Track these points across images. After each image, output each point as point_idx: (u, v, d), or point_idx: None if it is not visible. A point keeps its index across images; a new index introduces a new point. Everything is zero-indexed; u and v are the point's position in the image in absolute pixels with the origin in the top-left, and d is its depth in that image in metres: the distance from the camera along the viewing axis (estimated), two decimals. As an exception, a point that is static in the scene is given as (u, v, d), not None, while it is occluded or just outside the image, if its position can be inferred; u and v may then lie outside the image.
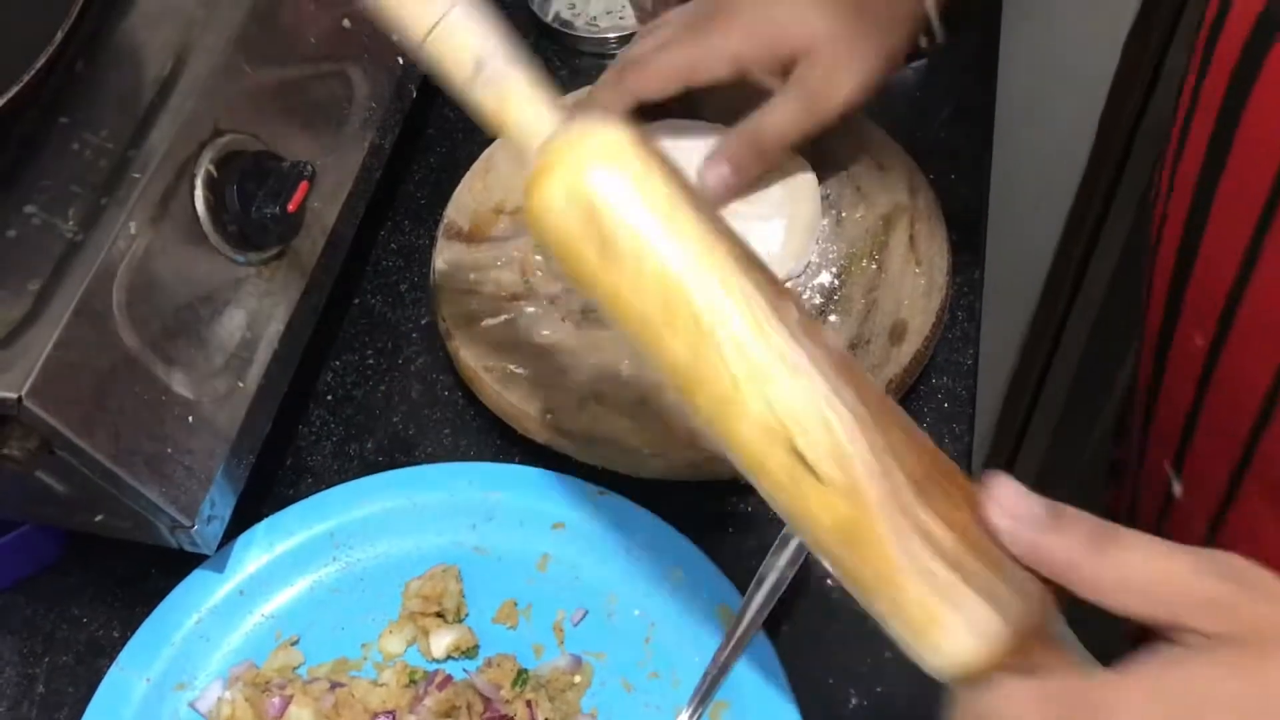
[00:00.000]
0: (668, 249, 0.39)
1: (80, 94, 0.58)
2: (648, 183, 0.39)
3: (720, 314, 0.38)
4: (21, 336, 0.51)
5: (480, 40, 0.42)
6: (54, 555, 0.65)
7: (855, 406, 0.38)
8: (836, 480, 0.38)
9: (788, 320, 0.39)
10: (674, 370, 0.40)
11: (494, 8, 0.42)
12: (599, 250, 0.39)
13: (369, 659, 0.60)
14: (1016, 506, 0.37)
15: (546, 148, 0.40)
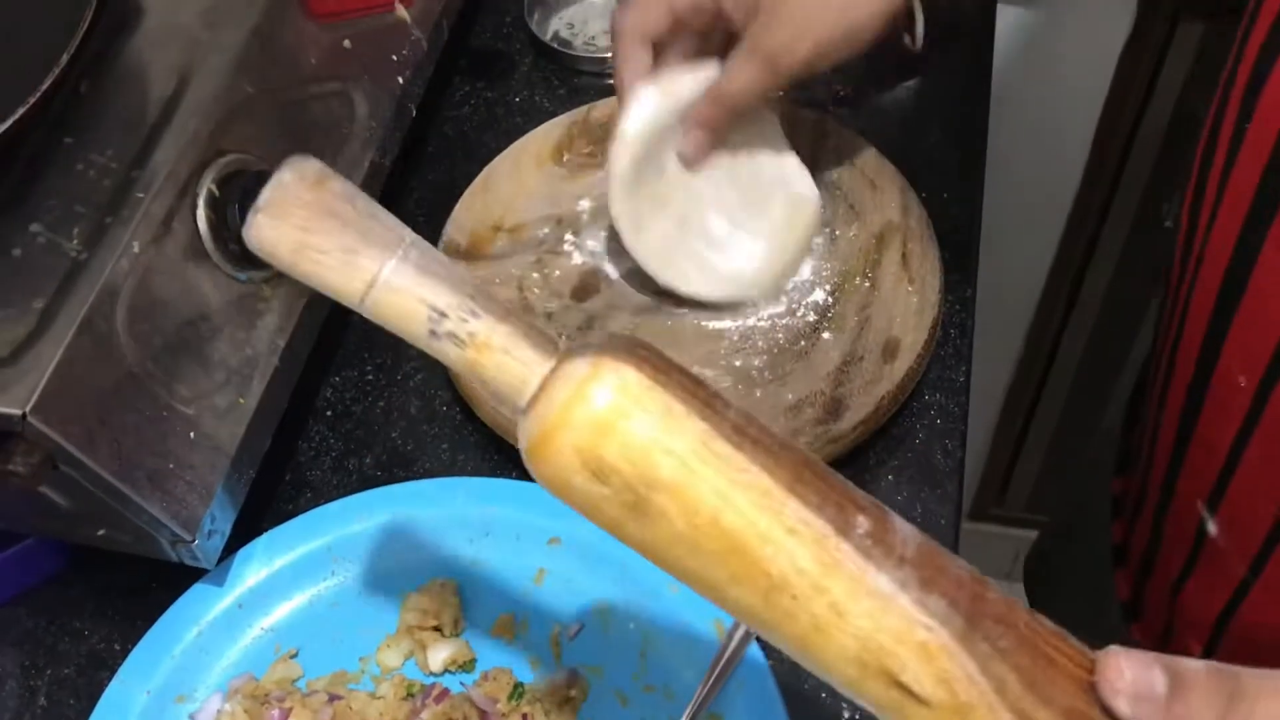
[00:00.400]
0: (711, 500, 0.35)
1: (85, 115, 0.59)
2: (672, 426, 0.35)
3: (785, 558, 0.35)
4: (26, 353, 0.52)
5: (429, 292, 0.37)
6: (56, 568, 0.66)
7: (948, 616, 0.35)
8: (944, 702, 0.35)
9: (855, 537, 0.35)
10: (749, 616, 0.37)
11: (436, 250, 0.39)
12: (634, 512, 0.35)
13: (367, 672, 0.60)
14: (1138, 686, 0.35)
15: (540, 404, 0.36)
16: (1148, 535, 0.70)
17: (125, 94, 0.60)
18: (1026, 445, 1.44)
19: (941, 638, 0.35)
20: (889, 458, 0.67)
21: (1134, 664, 0.35)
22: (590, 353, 0.36)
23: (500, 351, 0.37)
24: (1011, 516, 1.55)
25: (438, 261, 0.38)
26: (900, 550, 0.36)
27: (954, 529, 0.65)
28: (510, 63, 0.87)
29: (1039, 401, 1.38)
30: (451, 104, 0.85)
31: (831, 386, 0.65)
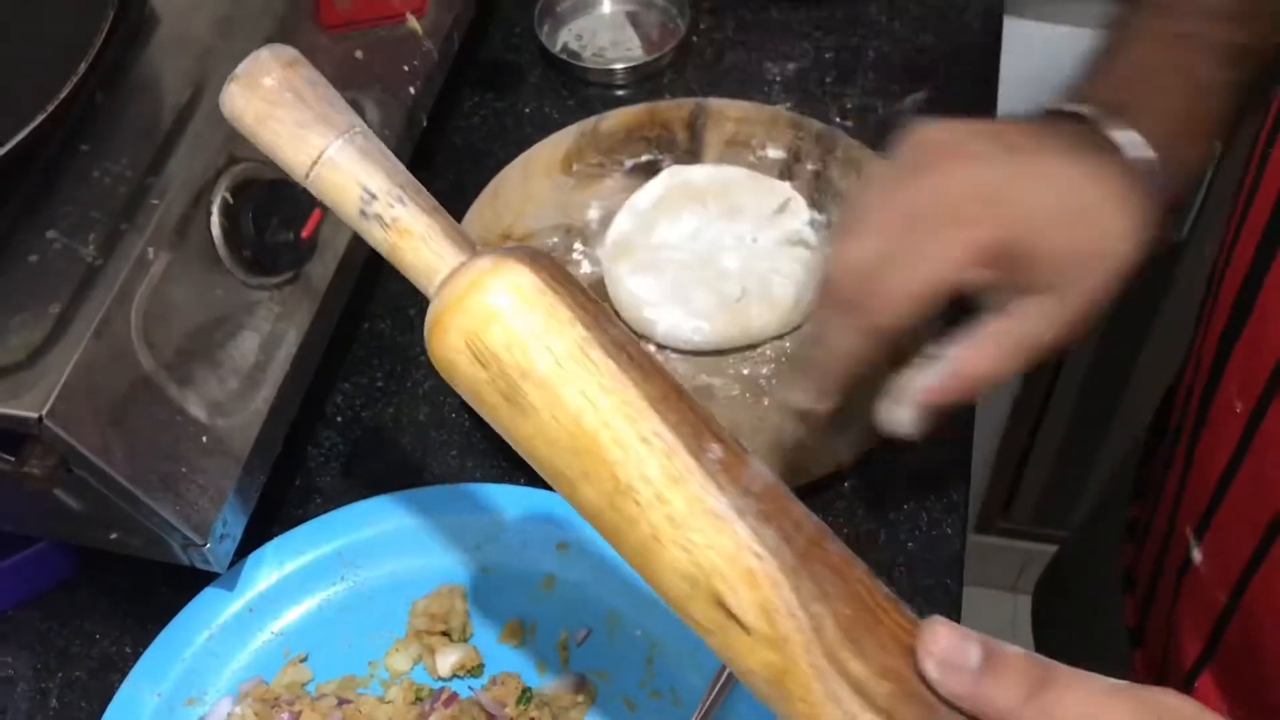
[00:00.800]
0: (577, 401, 0.37)
1: (101, 124, 0.60)
2: (550, 323, 0.37)
3: (634, 465, 0.37)
4: (43, 358, 0.53)
5: (365, 175, 0.42)
6: (68, 572, 0.66)
7: (779, 550, 0.37)
8: (763, 631, 0.37)
9: (707, 461, 0.37)
10: (594, 517, 0.38)
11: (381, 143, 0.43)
12: (507, 400, 0.38)
13: (376, 676, 0.61)
14: (950, 654, 0.36)
15: (444, 290, 0.39)
16: (1150, 563, 0.70)
17: (141, 103, 0.61)
18: (1032, 458, 1.44)
19: (769, 568, 0.36)
20: (895, 466, 0.67)
21: (951, 633, 0.36)
22: (496, 254, 0.39)
23: (419, 239, 0.41)
24: (1017, 529, 1.55)
25: (380, 151, 0.42)
26: (747, 483, 0.38)
27: (960, 538, 0.65)
28: (520, 74, 0.88)
29: (1045, 414, 1.39)
30: (461, 114, 0.86)
31: (837, 396, 0.65)
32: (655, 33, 0.89)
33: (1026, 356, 0.52)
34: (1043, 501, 1.50)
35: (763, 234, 0.71)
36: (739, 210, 0.72)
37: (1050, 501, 1.50)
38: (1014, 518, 1.54)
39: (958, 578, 0.64)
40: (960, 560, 0.65)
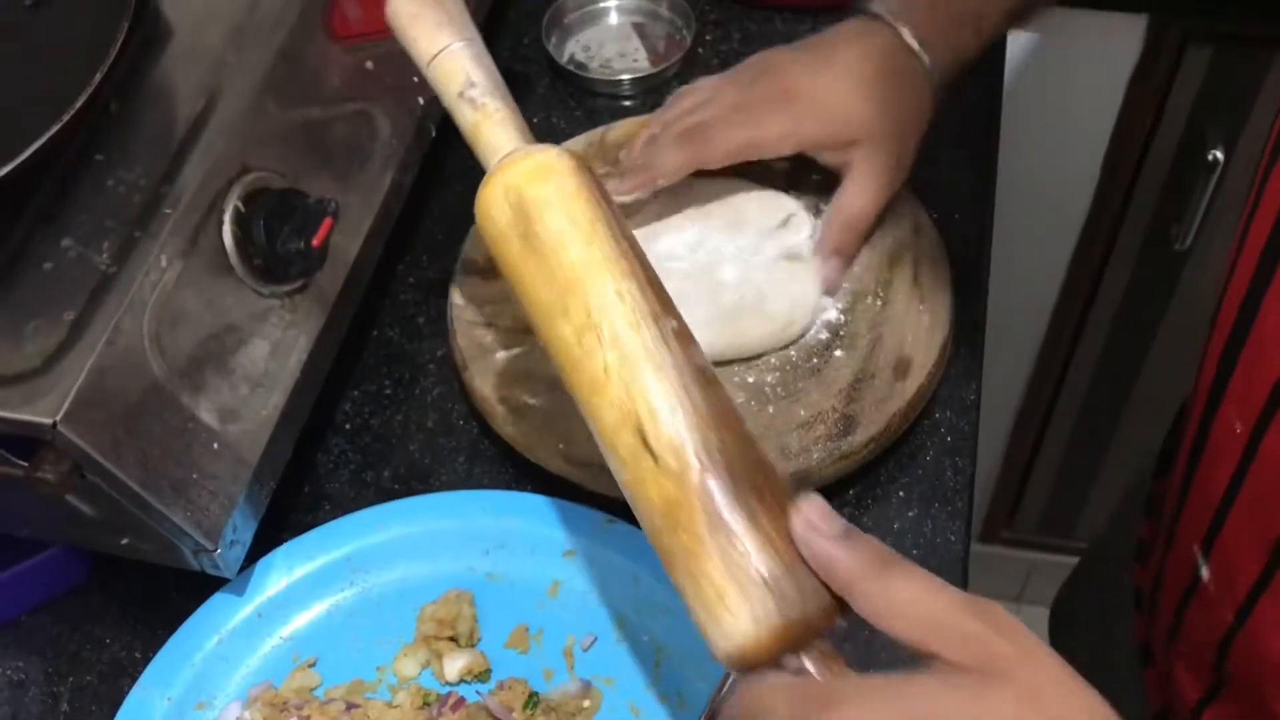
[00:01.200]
0: (576, 251, 0.48)
1: (115, 133, 0.60)
2: (574, 198, 0.49)
3: (606, 309, 0.46)
4: (57, 364, 0.53)
5: (472, 70, 0.55)
6: (79, 578, 0.67)
7: (700, 406, 0.45)
8: (669, 464, 0.44)
9: (664, 327, 0.46)
10: (560, 350, 0.47)
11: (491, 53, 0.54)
12: (522, 241, 0.49)
13: (384, 681, 0.61)
14: (817, 519, 0.42)
15: (503, 159, 0.52)
16: (1152, 579, 0.70)
17: (154, 113, 0.62)
18: (1037, 467, 1.44)
19: (687, 417, 0.44)
20: (900, 474, 0.68)
21: (823, 505, 0.43)
22: (552, 145, 0.52)
23: (497, 123, 0.54)
24: (1022, 539, 1.56)
25: (488, 60, 0.57)
26: (690, 356, 0.46)
27: (964, 545, 0.66)
28: (527, 85, 0.88)
29: (1049, 424, 1.39)
30: (470, 125, 0.86)
31: (843, 403, 0.66)
32: (661, 44, 0.90)
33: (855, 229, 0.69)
34: (1047, 511, 1.51)
35: (763, 247, 0.71)
36: (742, 223, 0.72)
37: (1055, 511, 1.50)
38: (1018, 528, 1.54)
39: (961, 586, 0.65)
40: (964, 568, 0.65)
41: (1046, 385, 1.34)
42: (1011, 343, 1.29)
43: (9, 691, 0.63)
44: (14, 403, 0.52)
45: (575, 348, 0.47)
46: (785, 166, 0.77)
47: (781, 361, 0.68)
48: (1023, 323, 1.28)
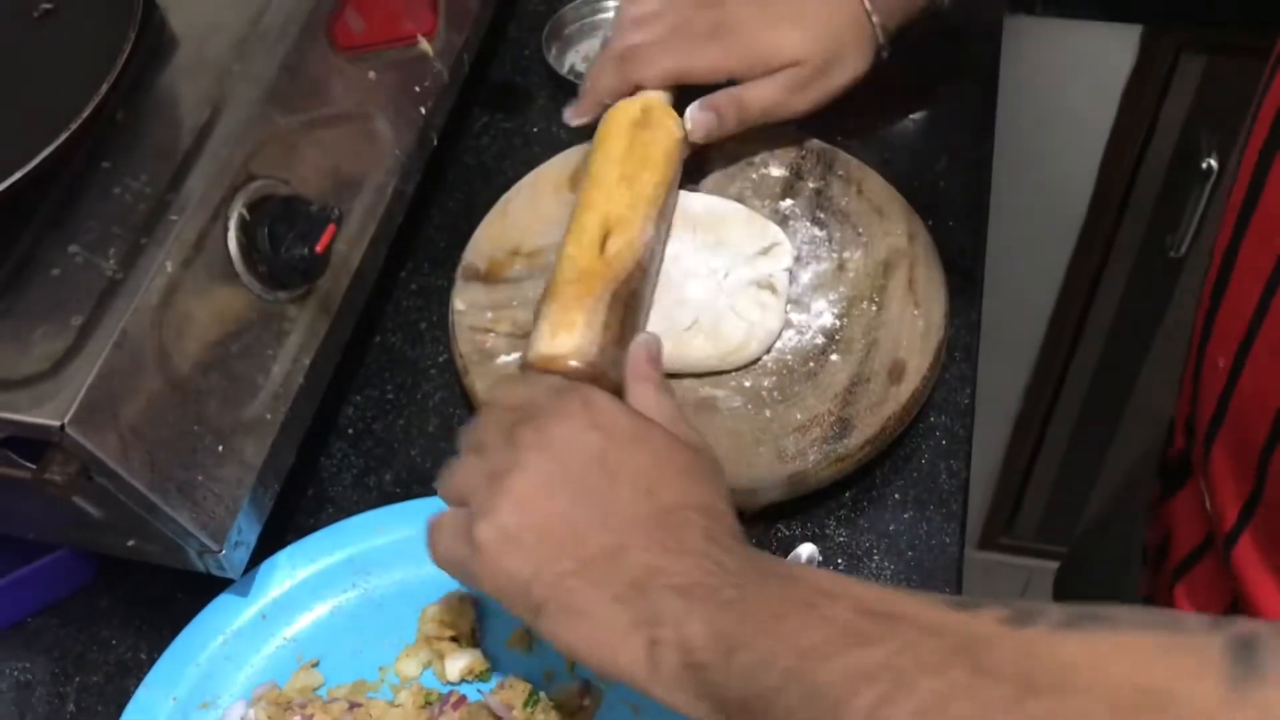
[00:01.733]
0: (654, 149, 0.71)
1: (122, 142, 0.62)
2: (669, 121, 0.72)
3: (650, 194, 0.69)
4: (65, 368, 0.54)
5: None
6: (86, 580, 0.68)
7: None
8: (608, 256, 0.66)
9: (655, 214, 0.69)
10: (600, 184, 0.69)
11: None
12: (641, 124, 0.71)
13: (386, 681, 0.62)
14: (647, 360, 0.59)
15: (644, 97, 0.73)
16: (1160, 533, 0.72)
17: (160, 122, 0.63)
18: (1034, 474, 1.45)
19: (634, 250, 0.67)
20: (895, 477, 0.69)
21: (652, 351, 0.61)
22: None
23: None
24: (1020, 545, 1.56)
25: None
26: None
27: (958, 547, 0.66)
28: (528, 95, 0.89)
29: (1047, 431, 1.40)
30: (471, 134, 0.87)
31: (839, 407, 0.67)
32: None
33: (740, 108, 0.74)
34: (1046, 518, 1.51)
35: (736, 271, 0.72)
36: (723, 244, 0.73)
37: (1053, 518, 1.51)
38: (1017, 534, 1.55)
39: (956, 588, 0.66)
40: (959, 570, 0.66)
41: (1044, 392, 1.35)
42: (1009, 350, 1.30)
43: (16, 692, 0.64)
44: (23, 405, 0.53)
45: (613, 187, 0.69)
46: (783, 174, 0.78)
47: (778, 366, 0.69)
48: (1020, 330, 1.29)
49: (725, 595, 0.46)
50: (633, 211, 0.67)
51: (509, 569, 0.49)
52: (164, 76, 0.65)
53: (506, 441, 0.52)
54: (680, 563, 0.47)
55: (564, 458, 0.51)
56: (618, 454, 0.51)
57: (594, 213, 0.68)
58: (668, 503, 0.49)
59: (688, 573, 0.47)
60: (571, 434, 0.51)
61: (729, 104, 0.74)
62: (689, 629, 0.45)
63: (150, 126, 0.63)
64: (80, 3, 0.64)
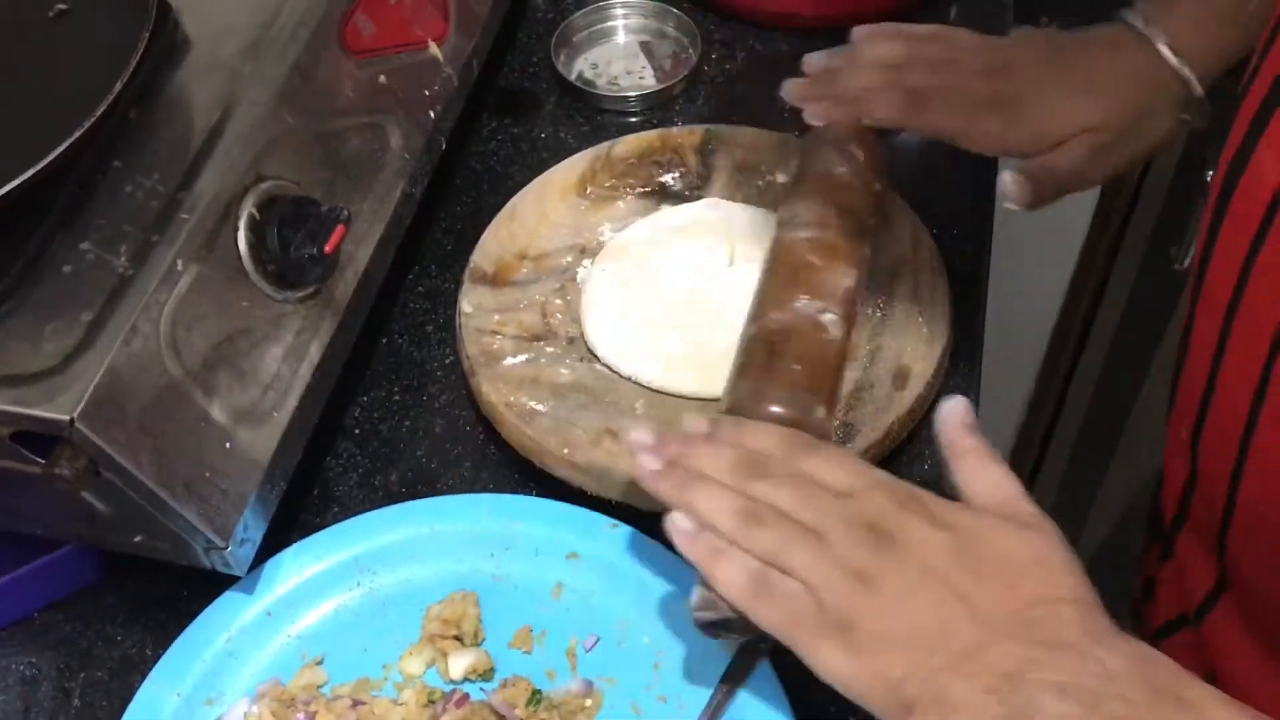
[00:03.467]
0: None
1: (134, 141, 0.62)
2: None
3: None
4: (74, 363, 0.55)
5: None
6: (92, 577, 0.68)
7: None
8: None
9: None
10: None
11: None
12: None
13: (390, 679, 0.62)
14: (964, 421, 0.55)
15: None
16: None
17: (172, 122, 0.64)
18: (1038, 486, 1.45)
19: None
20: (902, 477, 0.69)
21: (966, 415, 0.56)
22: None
23: None
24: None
25: None
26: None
27: (961, 551, 0.66)
28: (536, 101, 0.90)
29: (1050, 442, 1.40)
30: (480, 139, 0.88)
31: (844, 412, 0.67)
32: (668, 62, 0.92)
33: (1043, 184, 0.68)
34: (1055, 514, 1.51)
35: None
36: (754, 261, 0.73)
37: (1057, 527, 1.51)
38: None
39: (959, 591, 0.66)
40: (961, 574, 0.66)
41: (1047, 404, 1.35)
42: (1013, 362, 1.30)
43: (22, 686, 0.64)
44: (33, 400, 0.54)
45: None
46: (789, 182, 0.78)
47: (782, 370, 0.70)
48: (1024, 342, 1.29)
49: (1110, 708, 0.43)
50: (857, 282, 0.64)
51: (879, 669, 0.47)
52: (177, 77, 0.65)
53: (863, 543, 0.49)
54: (1057, 658, 0.45)
55: (924, 558, 0.49)
56: (971, 549, 0.49)
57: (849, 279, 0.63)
58: (1032, 595, 0.47)
59: (1068, 670, 0.44)
60: (924, 534, 0.49)
61: (1043, 174, 0.68)
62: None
63: (162, 126, 0.63)
64: (95, 4, 0.65)
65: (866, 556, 0.49)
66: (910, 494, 0.51)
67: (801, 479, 0.52)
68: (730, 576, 0.50)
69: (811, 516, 0.50)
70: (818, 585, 0.49)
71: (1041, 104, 0.65)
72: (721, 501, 0.51)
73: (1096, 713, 0.42)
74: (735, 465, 0.53)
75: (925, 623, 0.47)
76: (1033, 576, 0.48)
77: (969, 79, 0.67)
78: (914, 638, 0.47)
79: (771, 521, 0.50)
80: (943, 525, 0.49)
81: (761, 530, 0.50)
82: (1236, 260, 0.52)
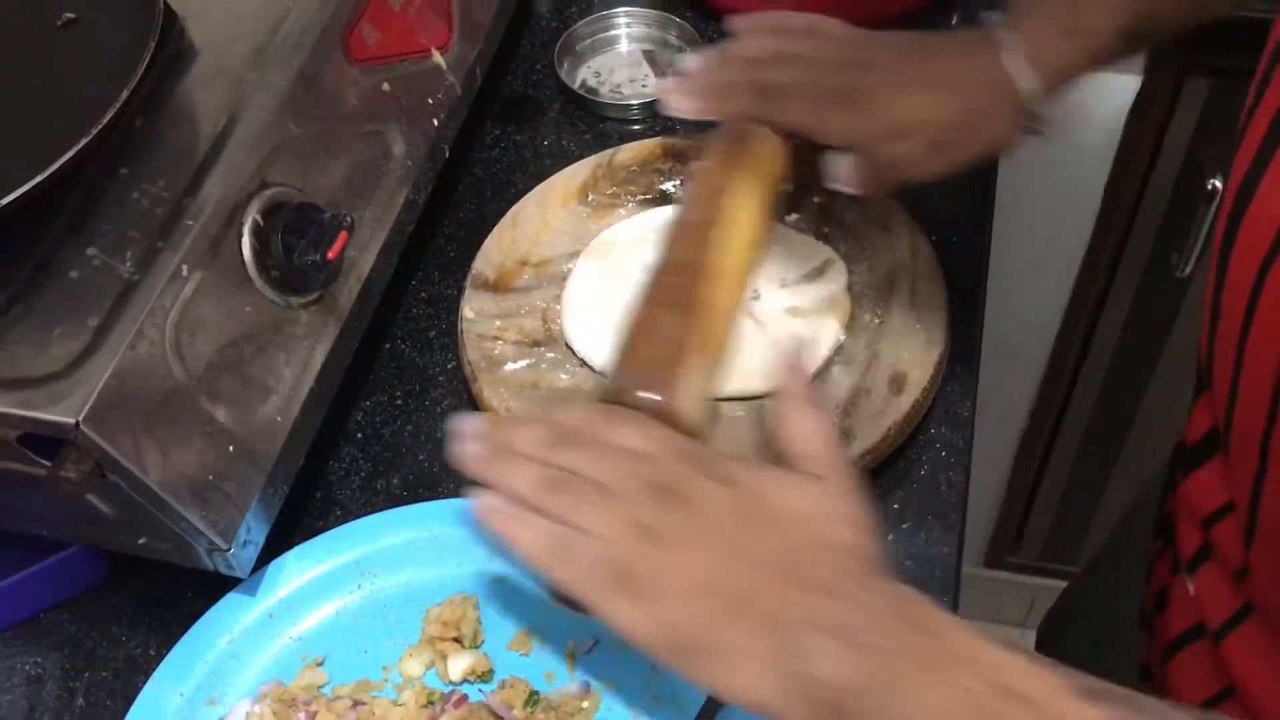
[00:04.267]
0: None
1: (140, 148, 0.63)
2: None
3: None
4: (81, 367, 0.55)
5: None
6: (97, 578, 0.69)
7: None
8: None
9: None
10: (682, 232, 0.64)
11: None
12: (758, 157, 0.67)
13: (389, 680, 0.63)
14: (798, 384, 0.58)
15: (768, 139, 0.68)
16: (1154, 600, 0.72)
17: (178, 129, 0.64)
18: (1041, 493, 1.45)
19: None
20: (895, 487, 0.69)
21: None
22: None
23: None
24: (1026, 564, 1.56)
25: None
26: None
27: (956, 558, 0.67)
28: (539, 109, 0.91)
29: (1053, 450, 1.40)
30: (483, 146, 0.89)
31: (840, 417, 0.68)
32: (671, 70, 0.92)
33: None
34: (1052, 537, 1.52)
35: (772, 297, 0.72)
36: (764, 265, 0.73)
37: (1060, 535, 1.51)
38: (1023, 553, 1.55)
39: (953, 598, 0.66)
40: (957, 579, 0.67)
41: (1050, 411, 1.35)
42: (1015, 369, 1.31)
43: (27, 686, 0.65)
44: (39, 403, 0.54)
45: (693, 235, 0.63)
46: (788, 189, 0.79)
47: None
48: (1026, 350, 1.29)
49: (869, 641, 0.46)
50: (740, 259, 0.63)
51: (660, 617, 0.50)
52: (183, 85, 0.66)
53: (652, 501, 0.52)
54: (820, 599, 0.48)
55: (705, 512, 0.51)
56: (753, 503, 0.52)
57: (698, 248, 0.62)
58: (804, 543, 0.50)
59: (829, 609, 0.47)
60: (710, 492, 0.52)
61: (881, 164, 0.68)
62: (828, 669, 0.46)
63: (168, 133, 0.64)
64: (102, 12, 0.66)
65: (654, 513, 0.51)
66: (705, 458, 0.54)
67: (602, 446, 0.54)
68: (529, 540, 0.53)
69: (607, 478, 0.53)
70: (608, 541, 0.51)
71: (890, 98, 0.67)
72: (524, 471, 0.54)
73: (853, 645, 0.46)
74: (540, 439, 0.55)
75: (702, 572, 0.50)
76: (807, 526, 0.51)
77: (825, 73, 0.68)
78: (691, 586, 0.50)
79: (568, 485, 0.53)
80: (729, 483, 0.52)
81: (557, 494, 0.53)
82: (1244, 292, 0.53)
